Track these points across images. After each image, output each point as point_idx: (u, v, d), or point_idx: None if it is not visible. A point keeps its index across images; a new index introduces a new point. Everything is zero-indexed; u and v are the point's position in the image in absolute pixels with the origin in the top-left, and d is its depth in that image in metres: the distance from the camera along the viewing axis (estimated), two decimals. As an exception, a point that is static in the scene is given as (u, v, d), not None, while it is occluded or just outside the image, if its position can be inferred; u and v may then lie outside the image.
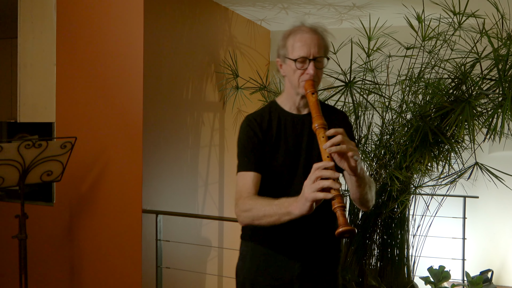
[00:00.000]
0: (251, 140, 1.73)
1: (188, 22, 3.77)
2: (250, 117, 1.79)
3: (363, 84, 3.36)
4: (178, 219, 3.54)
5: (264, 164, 1.72)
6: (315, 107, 1.61)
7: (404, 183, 3.23)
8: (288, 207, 1.48)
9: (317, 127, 1.55)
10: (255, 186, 1.68)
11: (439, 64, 3.25)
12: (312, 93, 1.64)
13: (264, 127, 1.75)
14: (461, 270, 3.92)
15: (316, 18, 4.63)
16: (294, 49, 1.68)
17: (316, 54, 1.67)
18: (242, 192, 1.68)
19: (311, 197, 1.40)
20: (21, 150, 2.73)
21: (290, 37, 1.71)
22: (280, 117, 1.77)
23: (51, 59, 3.46)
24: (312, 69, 1.66)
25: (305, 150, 1.74)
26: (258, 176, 1.70)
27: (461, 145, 3.11)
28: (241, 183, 1.70)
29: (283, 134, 1.75)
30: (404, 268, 3.46)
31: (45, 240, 3.47)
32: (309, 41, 1.67)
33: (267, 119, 1.77)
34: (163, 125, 3.48)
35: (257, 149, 1.72)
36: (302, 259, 1.76)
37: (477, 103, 2.84)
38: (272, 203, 1.54)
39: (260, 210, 1.57)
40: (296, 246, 1.75)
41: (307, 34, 1.68)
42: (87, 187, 3.36)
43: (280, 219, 1.52)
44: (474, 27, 3.13)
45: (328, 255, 1.82)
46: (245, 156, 1.72)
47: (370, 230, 3.47)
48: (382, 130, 3.39)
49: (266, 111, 1.80)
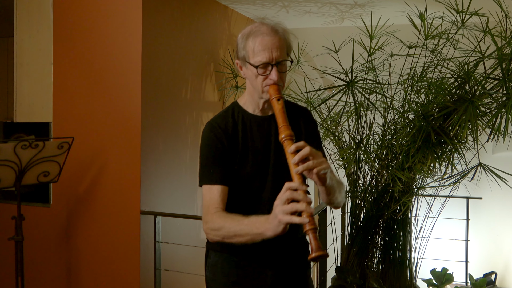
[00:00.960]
0: (217, 150, 1.65)
1: (187, 20, 3.77)
2: (214, 123, 1.69)
3: (365, 83, 3.36)
4: (177, 220, 3.54)
5: (232, 174, 1.65)
6: (281, 115, 1.54)
7: (406, 184, 3.23)
8: (260, 228, 1.44)
9: (284, 139, 1.49)
10: (223, 201, 1.62)
11: (442, 63, 3.25)
12: (278, 99, 1.57)
13: (229, 133, 1.67)
14: (464, 273, 3.92)
15: (317, 17, 4.63)
16: (255, 54, 1.58)
17: (278, 58, 1.58)
18: (210, 208, 1.62)
19: (284, 220, 1.38)
20: (17, 151, 2.73)
21: (250, 40, 1.60)
22: (244, 121, 1.70)
23: (48, 58, 3.46)
24: (276, 74, 1.58)
25: (274, 155, 1.68)
26: (225, 189, 1.63)
27: (464, 146, 3.11)
28: (208, 198, 1.64)
29: (250, 139, 1.69)
30: (407, 271, 3.46)
31: (42, 242, 3.47)
32: (270, 45, 1.57)
33: (232, 124, 1.68)
34: (162, 125, 3.48)
35: (223, 159, 1.65)
36: (274, 267, 1.73)
37: (480, 102, 2.84)
38: (243, 222, 1.50)
39: (231, 230, 1.53)
40: (267, 254, 1.71)
41: (268, 36, 1.57)
42: (84, 188, 3.36)
43: (253, 239, 1.48)
44: (478, 26, 3.13)
45: (299, 260, 1.79)
46: (211, 168, 1.65)
47: (372, 231, 3.47)
48: (384, 130, 3.38)
49: (229, 115, 1.71)
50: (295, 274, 1.79)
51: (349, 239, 3.56)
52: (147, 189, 3.26)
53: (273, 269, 1.73)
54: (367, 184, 3.49)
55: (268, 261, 1.72)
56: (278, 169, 1.66)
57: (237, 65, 1.69)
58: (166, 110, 3.53)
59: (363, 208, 3.50)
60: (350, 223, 3.57)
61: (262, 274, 1.73)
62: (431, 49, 3.31)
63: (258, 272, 1.72)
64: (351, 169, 3.47)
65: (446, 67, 3.17)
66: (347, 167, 3.41)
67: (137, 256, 3.16)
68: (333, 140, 3.59)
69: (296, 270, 1.79)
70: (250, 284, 1.73)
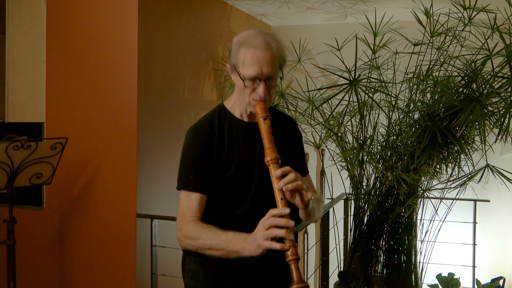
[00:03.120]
0: (199, 155, 1.65)
1: (185, 17, 3.78)
2: (199, 126, 1.69)
3: (369, 82, 3.36)
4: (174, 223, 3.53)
5: (212, 182, 1.66)
6: (268, 136, 1.54)
7: (411, 186, 3.23)
8: (237, 246, 1.48)
9: (270, 162, 1.51)
10: (200, 210, 1.64)
11: (448, 61, 3.25)
12: (264, 118, 1.56)
13: (215, 138, 1.67)
14: (472, 278, 3.92)
15: (319, 13, 4.63)
16: (244, 66, 1.58)
17: (268, 74, 1.57)
18: (186, 216, 1.63)
19: (264, 246, 1.42)
20: (9, 152, 2.73)
21: (242, 49, 1.59)
22: (231, 125, 1.70)
23: (41, 56, 3.47)
24: (262, 90, 1.58)
25: (258, 165, 1.69)
26: (204, 198, 1.65)
27: (472, 146, 3.11)
28: (185, 204, 1.64)
29: (236, 146, 1.68)
30: (412, 276, 3.46)
31: (34, 246, 3.47)
32: (261, 60, 1.56)
33: (217, 128, 1.68)
34: (158, 125, 3.48)
35: (205, 166, 1.65)
36: (252, 271, 1.74)
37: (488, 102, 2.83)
38: (220, 237, 1.52)
39: (206, 242, 1.55)
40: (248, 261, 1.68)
41: (260, 51, 1.57)
42: (78, 190, 3.36)
43: (227, 255, 1.52)
44: (485, 22, 3.13)
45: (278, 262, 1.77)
46: (191, 174, 1.64)
47: (376, 235, 3.47)
48: (388, 130, 3.39)
49: (215, 118, 1.71)
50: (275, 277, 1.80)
51: (352, 243, 3.56)
52: (143, 191, 3.26)
53: (251, 272, 1.74)
54: (371, 186, 3.49)
55: (246, 265, 1.71)
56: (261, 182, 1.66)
57: (228, 68, 1.69)
58: (163, 110, 3.53)
59: (367, 211, 3.50)
60: (353, 226, 3.57)
61: (241, 278, 1.74)
62: (437, 46, 3.31)
63: (237, 277, 1.74)
64: (355, 171, 3.48)
65: (452, 65, 3.17)
66: (350, 169, 3.41)
67: (133, 261, 3.17)
68: (335, 140, 3.59)
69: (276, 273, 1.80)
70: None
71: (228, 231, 1.53)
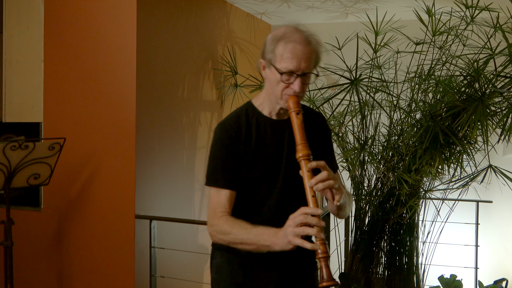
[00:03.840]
0: (228, 153, 1.69)
1: (184, 15, 3.77)
2: (226, 124, 1.73)
3: (370, 81, 3.36)
4: (173, 225, 3.54)
5: (240, 178, 1.70)
6: (300, 131, 1.58)
7: (413, 187, 3.23)
8: (268, 241, 1.53)
9: (302, 159, 1.54)
10: (230, 205, 1.70)
11: (450, 60, 3.25)
12: (297, 113, 1.60)
13: (242, 136, 1.70)
14: (474, 279, 3.92)
15: (320, 12, 4.63)
16: (282, 60, 1.61)
17: (305, 69, 1.61)
18: (216, 211, 1.69)
19: (294, 243, 1.46)
20: (6, 152, 2.73)
21: (281, 44, 1.62)
22: (259, 123, 1.73)
23: (38, 55, 3.46)
24: (299, 85, 1.61)
25: (285, 161, 1.72)
26: (233, 194, 1.70)
27: (474, 147, 3.11)
28: (216, 201, 1.70)
29: (263, 143, 1.72)
30: (413, 277, 3.46)
31: (32, 247, 3.47)
32: (301, 55, 1.60)
33: (245, 126, 1.72)
34: (157, 125, 3.48)
35: (234, 163, 1.69)
36: (280, 268, 1.78)
37: (490, 101, 2.83)
38: (250, 231, 1.58)
39: (238, 237, 1.61)
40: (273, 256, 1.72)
41: (300, 45, 1.60)
42: (76, 191, 3.36)
43: (258, 249, 1.57)
44: (488, 21, 3.13)
45: (305, 261, 1.84)
46: (220, 171, 1.70)
47: (377, 236, 3.47)
48: (390, 130, 3.38)
49: (242, 116, 1.74)
50: (301, 275, 1.83)
51: (353, 244, 3.55)
52: (142, 192, 3.26)
53: (278, 270, 1.78)
54: (372, 187, 3.49)
55: (273, 262, 1.76)
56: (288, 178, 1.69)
57: (261, 64, 1.72)
58: (162, 110, 3.53)
59: (368, 212, 3.50)
60: (354, 227, 3.56)
61: (267, 275, 1.78)
62: (439, 45, 3.31)
63: (263, 273, 1.78)
64: (356, 171, 3.47)
65: (454, 65, 3.17)
66: (351, 169, 3.41)
67: (131, 262, 3.16)
68: (336, 141, 3.59)
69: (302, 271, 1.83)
70: (255, 285, 1.78)
71: (258, 226, 1.58)
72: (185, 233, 3.77)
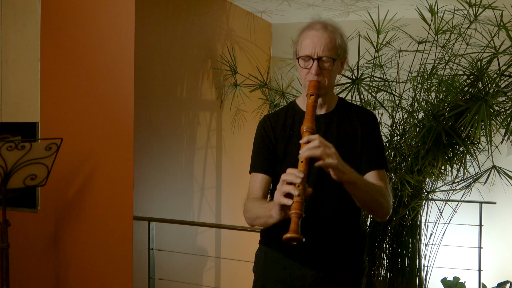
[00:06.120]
0: (263, 141, 1.83)
1: (183, 14, 3.77)
2: (266, 117, 1.88)
3: (372, 81, 3.36)
4: (172, 226, 3.54)
5: (275, 167, 1.79)
6: (310, 109, 1.64)
7: (415, 188, 3.23)
8: (270, 211, 1.55)
9: (305, 130, 1.59)
10: (262, 188, 1.78)
11: (453, 59, 3.25)
12: (311, 95, 1.67)
13: (277, 128, 1.82)
14: (477, 282, 3.92)
15: (321, 10, 4.63)
16: (301, 47, 1.73)
17: (320, 53, 1.69)
18: (249, 194, 1.79)
19: (276, 201, 1.48)
20: (2, 152, 2.73)
21: (302, 33, 1.75)
22: (295, 118, 1.83)
23: (35, 54, 3.47)
24: (315, 69, 1.69)
25: None
26: (266, 179, 1.80)
27: (477, 147, 3.11)
28: (251, 185, 1.81)
29: (297, 136, 1.75)
30: (416, 280, 3.46)
31: (28, 249, 3.47)
32: (316, 39, 1.70)
33: (282, 120, 1.84)
34: (156, 126, 3.48)
35: (268, 151, 1.81)
36: (316, 267, 1.79)
37: (494, 101, 2.83)
38: (262, 205, 1.65)
39: (254, 212, 1.68)
40: (310, 253, 1.78)
41: (316, 31, 1.71)
42: (74, 192, 3.36)
43: (267, 221, 1.60)
44: (491, 20, 3.13)
45: (346, 266, 1.83)
46: (256, 157, 1.83)
47: (379, 238, 3.47)
48: (392, 130, 3.38)
49: (283, 111, 1.87)
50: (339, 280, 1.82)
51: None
52: (140, 193, 3.26)
53: (315, 268, 1.80)
54: (374, 188, 3.48)
55: (309, 260, 1.80)
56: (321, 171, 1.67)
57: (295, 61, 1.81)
58: (160, 110, 3.53)
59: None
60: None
61: (302, 272, 1.80)
62: (442, 44, 3.31)
63: (298, 269, 1.81)
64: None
65: (457, 64, 3.17)
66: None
67: (129, 264, 3.16)
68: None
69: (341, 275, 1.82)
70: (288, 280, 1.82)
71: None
72: (184, 235, 3.77)
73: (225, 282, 4.25)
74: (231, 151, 4.40)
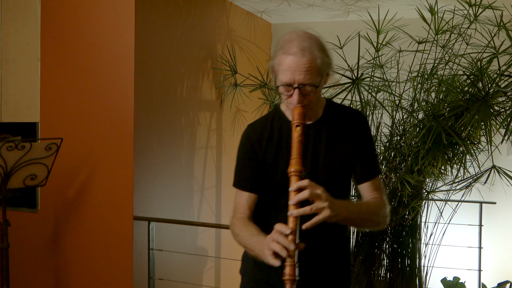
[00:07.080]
0: (249, 157, 1.75)
1: (183, 14, 3.78)
2: (251, 128, 1.78)
3: (372, 81, 3.36)
4: (172, 226, 3.54)
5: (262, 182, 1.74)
6: (297, 145, 1.55)
7: (415, 187, 3.23)
8: (260, 250, 1.54)
9: (292, 174, 1.52)
10: (249, 207, 1.75)
11: (453, 59, 3.25)
12: (297, 125, 1.57)
13: (264, 141, 1.73)
14: (477, 282, 3.92)
15: (321, 10, 4.63)
16: (279, 71, 1.59)
17: (301, 81, 1.56)
18: (236, 212, 1.76)
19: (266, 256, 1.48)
20: (2, 152, 2.73)
21: (280, 53, 1.59)
22: (282, 128, 1.73)
23: (35, 54, 3.47)
24: (296, 98, 1.58)
25: (309, 167, 1.68)
26: (253, 197, 1.75)
27: (477, 147, 3.11)
28: (237, 201, 1.77)
29: (285, 148, 1.70)
30: (416, 280, 3.46)
31: (28, 249, 3.47)
32: (294, 66, 1.55)
33: (269, 130, 1.74)
34: (156, 125, 3.48)
35: (253, 167, 1.74)
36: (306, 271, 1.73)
37: (494, 101, 2.84)
38: (252, 239, 1.62)
39: (242, 241, 1.68)
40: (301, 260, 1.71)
41: (293, 57, 1.55)
42: (74, 192, 3.36)
43: (257, 256, 1.58)
44: (491, 20, 3.14)
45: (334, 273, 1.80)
46: (242, 173, 1.77)
47: (379, 238, 3.47)
48: (392, 130, 3.39)
49: (268, 120, 1.77)
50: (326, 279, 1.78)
51: (355, 246, 3.56)
52: (140, 193, 3.26)
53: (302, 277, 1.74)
54: (374, 188, 3.48)
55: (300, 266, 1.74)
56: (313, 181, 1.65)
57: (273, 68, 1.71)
58: (160, 110, 3.54)
59: (370, 213, 3.49)
60: (355, 229, 3.57)
61: None
62: (442, 44, 3.31)
63: None
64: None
65: (458, 64, 3.17)
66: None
67: (129, 265, 3.17)
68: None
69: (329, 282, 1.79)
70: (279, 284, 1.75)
71: (261, 234, 1.60)
72: (184, 235, 3.77)
73: (225, 282, 4.25)
74: (231, 151, 4.41)
